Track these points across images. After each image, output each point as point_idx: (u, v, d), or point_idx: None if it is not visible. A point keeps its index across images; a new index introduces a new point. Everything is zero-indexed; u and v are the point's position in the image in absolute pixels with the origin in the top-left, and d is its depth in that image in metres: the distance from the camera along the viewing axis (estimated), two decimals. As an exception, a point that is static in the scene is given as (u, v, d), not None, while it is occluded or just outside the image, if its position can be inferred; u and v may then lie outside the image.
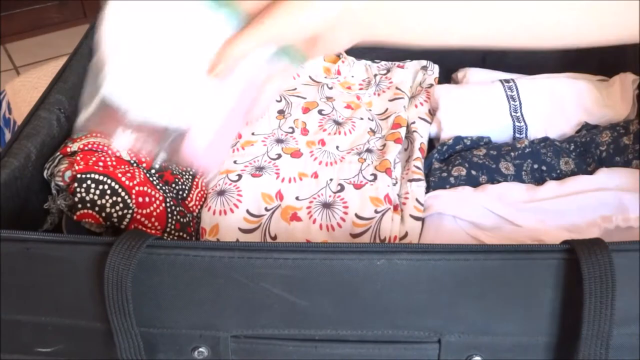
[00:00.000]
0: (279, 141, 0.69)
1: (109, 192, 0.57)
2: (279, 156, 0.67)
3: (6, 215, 0.54)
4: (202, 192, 0.65)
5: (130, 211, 0.57)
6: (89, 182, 0.56)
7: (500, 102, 0.71)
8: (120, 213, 0.56)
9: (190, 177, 0.65)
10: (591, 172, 0.62)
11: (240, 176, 0.64)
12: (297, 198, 0.63)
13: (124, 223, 0.56)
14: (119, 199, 0.57)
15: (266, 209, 0.62)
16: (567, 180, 0.61)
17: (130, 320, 0.45)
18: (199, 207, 0.64)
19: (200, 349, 0.48)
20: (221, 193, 0.63)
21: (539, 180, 0.63)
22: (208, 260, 0.45)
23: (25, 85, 0.99)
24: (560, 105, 0.70)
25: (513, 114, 0.70)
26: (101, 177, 0.57)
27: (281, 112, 0.74)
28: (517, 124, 0.69)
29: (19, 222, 0.54)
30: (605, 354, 0.43)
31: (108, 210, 0.56)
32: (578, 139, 0.66)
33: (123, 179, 0.58)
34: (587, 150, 0.65)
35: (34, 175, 0.59)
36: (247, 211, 0.61)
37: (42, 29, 2.50)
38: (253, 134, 0.70)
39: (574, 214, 0.58)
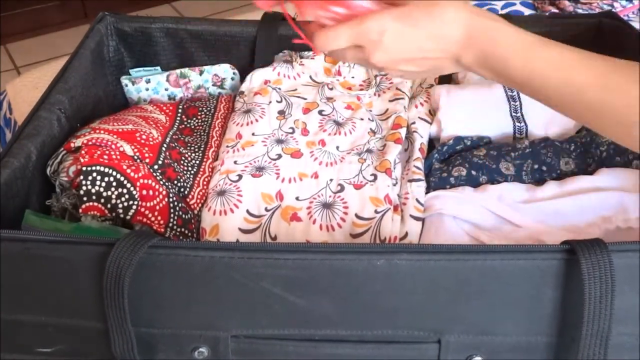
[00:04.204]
0: (279, 141, 0.69)
1: (114, 183, 0.57)
2: (279, 156, 0.67)
3: (6, 215, 0.54)
4: (203, 191, 0.65)
5: (136, 203, 0.57)
6: (94, 174, 0.57)
7: (500, 102, 0.71)
8: (125, 204, 0.57)
9: (192, 175, 0.65)
10: (591, 173, 0.62)
11: (240, 176, 0.64)
12: (297, 198, 0.63)
13: (129, 214, 0.57)
14: (125, 190, 0.57)
15: (266, 209, 0.62)
16: (567, 181, 0.61)
17: (124, 315, 0.45)
18: (199, 205, 0.64)
19: (201, 349, 0.48)
20: (221, 193, 0.63)
21: (539, 181, 0.63)
22: (208, 260, 0.45)
23: (26, 85, 0.99)
24: (561, 106, 0.70)
25: (513, 114, 0.70)
26: (106, 169, 0.57)
27: (281, 112, 0.74)
28: (517, 124, 0.69)
29: (19, 222, 0.54)
30: (604, 354, 0.43)
31: (114, 201, 0.57)
32: (578, 139, 0.66)
33: (128, 170, 0.58)
34: (587, 151, 0.65)
35: (34, 175, 0.59)
36: (247, 211, 0.61)
37: (43, 29, 2.51)
38: (253, 134, 0.70)
39: (574, 215, 0.58)
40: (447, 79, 0.81)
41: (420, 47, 0.49)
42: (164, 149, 0.65)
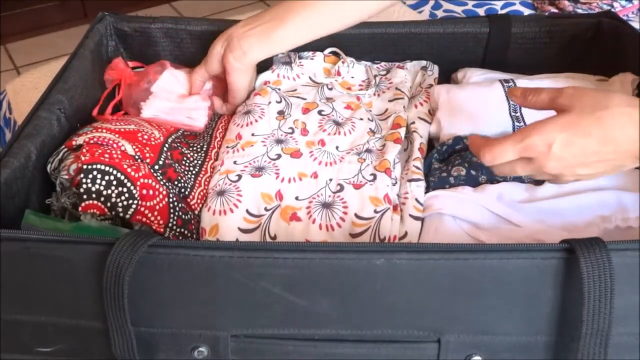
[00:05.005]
0: (279, 141, 0.69)
1: (114, 182, 0.57)
2: (279, 156, 0.67)
3: (6, 215, 0.54)
4: (205, 191, 0.65)
5: (135, 202, 0.57)
6: (95, 172, 0.57)
7: (499, 102, 0.71)
8: (125, 203, 0.57)
9: (193, 175, 0.65)
10: (591, 172, 0.62)
11: (240, 176, 0.64)
12: (296, 198, 0.63)
13: (129, 213, 0.57)
14: (125, 189, 0.57)
15: (266, 209, 0.62)
16: (567, 180, 0.61)
17: (124, 315, 0.45)
18: (201, 205, 0.64)
19: (200, 349, 0.48)
20: (221, 193, 0.63)
21: (539, 180, 0.63)
22: (208, 260, 0.45)
23: (26, 85, 0.99)
24: (560, 105, 0.70)
25: (512, 114, 0.70)
26: (107, 168, 0.57)
27: (281, 112, 0.74)
28: (516, 124, 0.69)
29: (19, 221, 0.54)
30: (604, 354, 0.43)
31: (113, 200, 0.57)
32: (577, 139, 0.66)
33: (128, 170, 0.58)
34: (586, 150, 0.65)
35: (34, 175, 0.59)
36: (247, 211, 0.62)
37: (43, 29, 2.51)
38: (253, 134, 0.70)
39: (573, 214, 0.58)
40: (446, 79, 0.81)
41: (595, 151, 0.49)
42: (165, 149, 0.65)
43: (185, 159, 0.67)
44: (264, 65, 0.78)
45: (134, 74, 0.75)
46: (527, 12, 1.11)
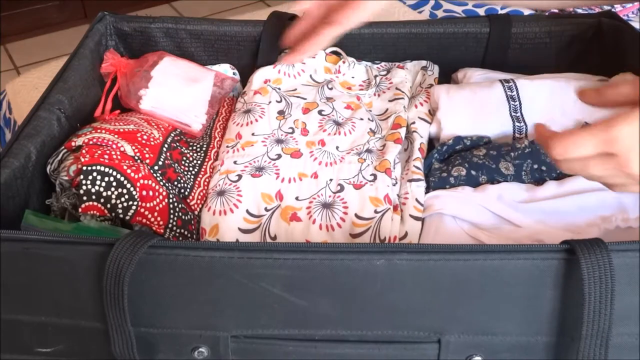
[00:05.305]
0: (279, 141, 0.69)
1: (114, 183, 0.57)
2: (279, 156, 0.67)
3: (6, 215, 0.54)
4: (204, 191, 0.65)
5: (135, 203, 0.57)
6: (94, 174, 0.57)
7: (500, 102, 0.70)
8: (125, 204, 0.57)
9: (193, 176, 0.65)
10: (591, 172, 0.62)
11: (240, 176, 0.64)
12: (296, 198, 0.63)
13: (129, 214, 0.57)
14: (124, 191, 0.57)
15: (266, 209, 0.62)
16: (567, 181, 0.61)
17: (124, 315, 0.45)
18: (200, 206, 0.64)
19: (200, 349, 0.48)
20: (221, 193, 0.63)
21: (539, 181, 0.63)
22: (208, 260, 0.45)
23: (26, 85, 0.99)
24: (560, 106, 0.70)
25: (513, 114, 0.70)
26: (107, 169, 0.57)
27: (281, 112, 0.74)
28: (517, 124, 0.69)
29: (19, 222, 0.54)
30: (605, 354, 0.43)
31: (113, 201, 0.57)
32: (578, 139, 0.66)
33: (128, 171, 0.58)
34: (587, 151, 0.65)
35: (34, 175, 0.59)
36: (247, 211, 0.62)
37: (43, 29, 2.51)
38: (253, 134, 0.70)
39: (574, 214, 0.58)
40: (446, 79, 0.81)
41: None
42: (164, 149, 0.65)
43: (184, 158, 0.67)
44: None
45: (130, 62, 0.74)
46: (527, 12, 1.11)
